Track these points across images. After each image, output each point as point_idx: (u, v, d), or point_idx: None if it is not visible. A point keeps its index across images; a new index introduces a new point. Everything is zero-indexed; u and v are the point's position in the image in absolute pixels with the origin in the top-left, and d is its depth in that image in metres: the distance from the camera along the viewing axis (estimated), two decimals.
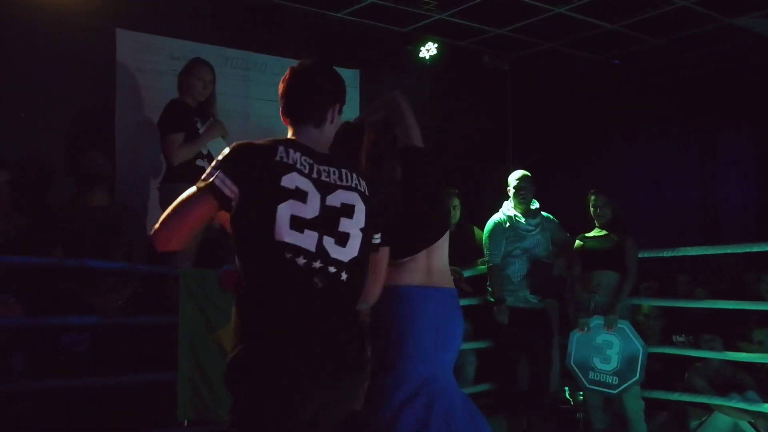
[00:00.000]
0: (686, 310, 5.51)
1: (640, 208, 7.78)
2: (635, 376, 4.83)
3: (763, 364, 4.94)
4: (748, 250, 5.09)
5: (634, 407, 4.85)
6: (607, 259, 5.02)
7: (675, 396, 4.96)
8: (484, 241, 5.35)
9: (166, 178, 4.60)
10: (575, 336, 5.09)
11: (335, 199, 2.18)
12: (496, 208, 5.42)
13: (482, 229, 5.39)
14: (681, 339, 5.23)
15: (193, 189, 2.15)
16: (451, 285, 2.97)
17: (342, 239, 2.16)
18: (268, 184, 2.10)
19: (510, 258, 5.25)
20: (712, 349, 4.92)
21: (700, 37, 6.63)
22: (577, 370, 5.06)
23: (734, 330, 5.16)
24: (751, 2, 5.91)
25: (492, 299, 5.21)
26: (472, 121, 7.17)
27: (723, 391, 4.79)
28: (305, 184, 2.13)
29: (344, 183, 2.21)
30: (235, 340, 2.12)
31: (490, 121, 7.25)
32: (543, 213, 5.44)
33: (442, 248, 2.97)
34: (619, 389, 4.87)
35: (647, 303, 5.38)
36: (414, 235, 2.89)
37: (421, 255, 2.87)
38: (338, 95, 2.34)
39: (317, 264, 2.11)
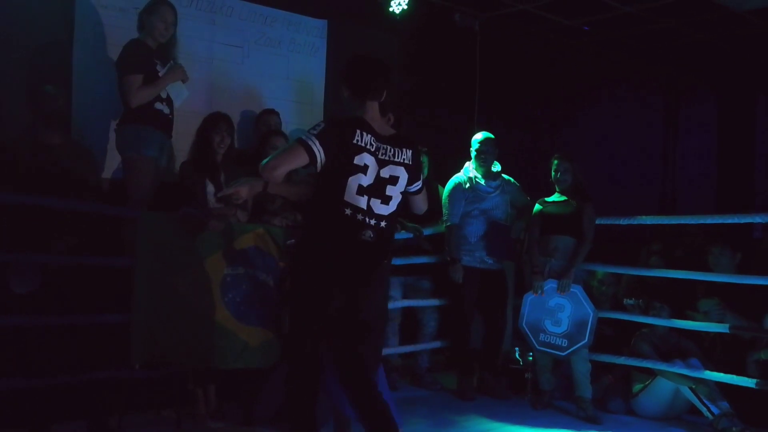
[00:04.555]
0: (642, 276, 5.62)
1: (603, 174, 7.88)
2: (584, 339, 4.93)
3: (707, 333, 5.08)
4: (702, 221, 5.17)
5: (582, 369, 4.96)
6: (565, 225, 5.06)
7: (621, 360, 5.08)
8: (443, 201, 5.37)
9: (124, 120, 4.49)
10: (529, 298, 5.16)
11: (386, 172, 3.16)
12: (461, 167, 5.43)
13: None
14: (631, 302, 5.33)
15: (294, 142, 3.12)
16: None
17: (386, 200, 3.17)
18: (346, 160, 3.07)
19: (468, 218, 5.30)
20: (659, 316, 5.04)
21: (670, 7, 6.64)
22: (528, 332, 5.14)
23: (683, 299, 5.27)
24: None
25: (448, 258, 5.27)
26: (440, 78, 7.11)
27: (667, 357, 4.93)
28: (370, 161, 3.11)
29: (395, 159, 3.18)
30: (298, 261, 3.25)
31: (458, 80, 7.20)
32: (504, 176, 5.47)
33: None
34: (568, 351, 4.97)
35: (601, 269, 5.46)
36: None
37: None
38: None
39: (366, 219, 3.12)
